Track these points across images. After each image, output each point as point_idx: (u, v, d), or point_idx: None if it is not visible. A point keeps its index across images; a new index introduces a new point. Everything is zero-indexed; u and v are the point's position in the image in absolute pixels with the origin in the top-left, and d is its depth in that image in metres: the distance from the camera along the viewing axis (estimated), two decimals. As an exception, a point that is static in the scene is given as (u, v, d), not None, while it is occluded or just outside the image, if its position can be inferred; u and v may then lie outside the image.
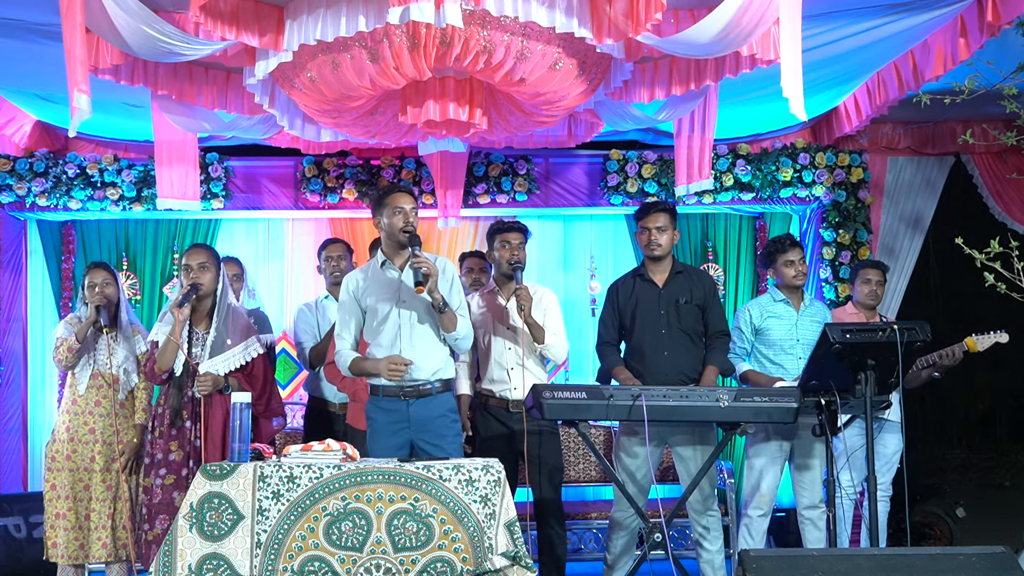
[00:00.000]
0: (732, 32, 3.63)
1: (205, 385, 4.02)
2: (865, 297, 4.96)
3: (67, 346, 4.36)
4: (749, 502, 4.57)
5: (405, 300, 3.89)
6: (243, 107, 4.62)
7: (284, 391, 6.26)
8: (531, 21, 3.63)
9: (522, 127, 4.63)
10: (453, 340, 3.93)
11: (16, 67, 4.73)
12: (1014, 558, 3.05)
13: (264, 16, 3.85)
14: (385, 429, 3.91)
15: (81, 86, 3.50)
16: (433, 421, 3.92)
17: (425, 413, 3.90)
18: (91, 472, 4.38)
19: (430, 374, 3.91)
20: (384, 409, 3.93)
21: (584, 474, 5.63)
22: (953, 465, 11.43)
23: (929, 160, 6.13)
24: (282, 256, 6.46)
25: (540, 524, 4.42)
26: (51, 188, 5.88)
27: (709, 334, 4.43)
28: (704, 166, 4.94)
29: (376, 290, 3.93)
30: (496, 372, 4.41)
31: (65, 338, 4.38)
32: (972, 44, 4.17)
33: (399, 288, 3.91)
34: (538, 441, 4.36)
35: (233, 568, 3.22)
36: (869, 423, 3.83)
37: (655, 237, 4.38)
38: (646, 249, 4.43)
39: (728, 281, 6.37)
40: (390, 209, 3.87)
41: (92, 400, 4.42)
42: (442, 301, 3.81)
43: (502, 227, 4.48)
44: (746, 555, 3.09)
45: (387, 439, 3.90)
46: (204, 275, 4.12)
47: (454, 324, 3.88)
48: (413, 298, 3.86)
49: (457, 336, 3.91)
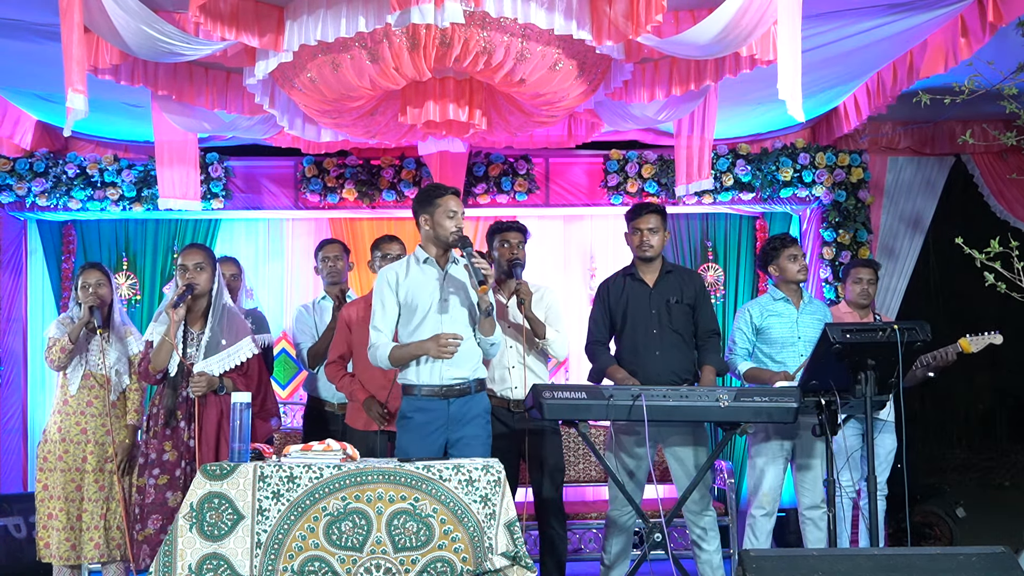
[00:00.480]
0: (732, 33, 3.63)
1: (199, 385, 4.02)
2: (858, 296, 4.96)
3: (60, 346, 4.36)
4: (752, 502, 4.57)
5: (446, 299, 3.88)
6: (243, 107, 4.62)
7: (284, 391, 6.27)
8: (530, 23, 3.63)
9: (522, 127, 4.63)
10: (488, 344, 3.94)
11: (16, 67, 4.73)
12: (1014, 558, 3.05)
13: (264, 16, 3.85)
14: (423, 429, 3.86)
15: (77, 86, 3.49)
16: (472, 420, 3.90)
17: (465, 412, 3.88)
18: (83, 472, 4.38)
19: (470, 372, 3.90)
20: (424, 409, 3.86)
21: (584, 474, 5.63)
22: (953, 465, 11.43)
23: (929, 160, 6.13)
24: (282, 256, 6.45)
25: (540, 524, 4.42)
26: (51, 188, 5.88)
27: (700, 334, 4.42)
28: (704, 166, 4.94)
29: (416, 287, 3.90)
30: (497, 371, 4.41)
31: (57, 338, 4.38)
32: (972, 44, 4.17)
33: (440, 286, 3.89)
34: (539, 441, 4.37)
35: (233, 568, 3.22)
36: (869, 423, 3.83)
37: (647, 238, 4.39)
38: (637, 250, 4.44)
39: (728, 281, 6.36)
40: (442, 210, 3.85)
41: (84, 400, 4.42)
42: (488, 305, 3.80)
43: (501, 227, 4.49)
44: (746, 555, 3.09)
45: (425, 439, 3.84)
46: (200, 275, 4.12)
47: (492, 329, 3.87)
48: (454, 296, 3.87)
49: (492, 341, 3.93)
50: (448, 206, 3.84)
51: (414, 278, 3.91)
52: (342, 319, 4.56)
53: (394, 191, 6.00)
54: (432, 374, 3.83)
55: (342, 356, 4.50)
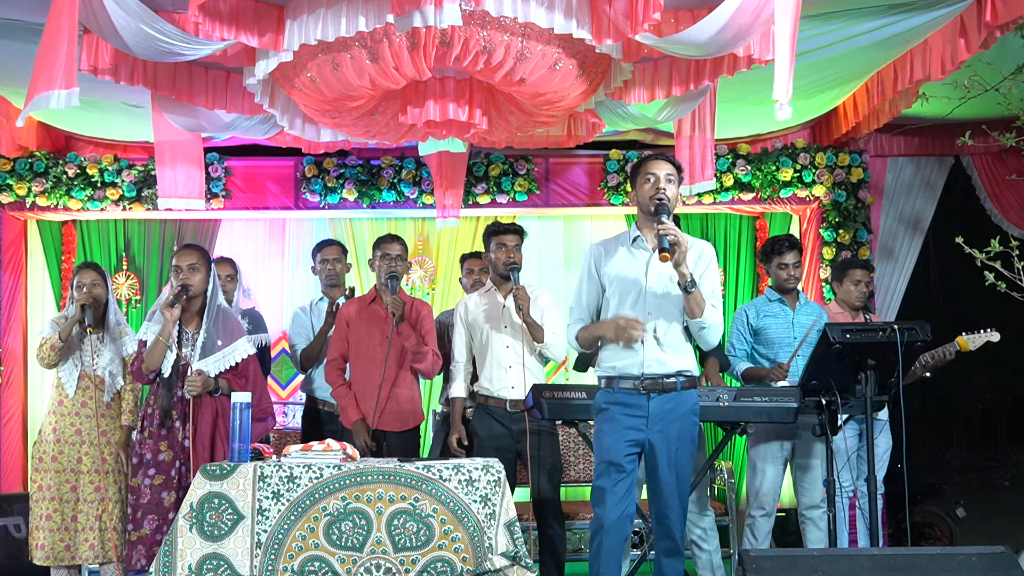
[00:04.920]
0: (731, 32, 3.63)
1: (195, 385, 4.01)
2: (855, 298, 4.94)
3: (49, 344, 4.37)
4: (752, 503, 4.57)
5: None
6: (243, 107, 4.61)
7: (284, 391, 6.27)
8: (530, 22, 3.63)
9: (522, 127, 4.63)
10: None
11: (16, 67, 4.73)
12: (1014, 558, 3.05)
13: (264, 16, 3.84)
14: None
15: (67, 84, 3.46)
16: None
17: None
18: (78, 473, 4.38)
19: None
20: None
21: (584, 474, 5.63)
22: (953, 465, 11.45)
23: (928, 161, 6.13)
24: (281, 256, 6.45)
25: (540, 524, 4.42)
26: (51, 188, 5.89)
27: None
28: (707, 166, 4.94)
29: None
30: (495, 371, 4.41)
31: (48, 337, 4.39)
32: (972, 45, 4.17)
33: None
34: (537, 441, 4.37)
35: (233, 568, 3.22)
36: (869, 423, 3.83)
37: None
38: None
39: (728, 281, 6.36)
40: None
41: (79, 401, 4.43)
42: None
43: (498, 229, 4.49)
44: (746, 555, 3.09)
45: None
46: (194, 276, 4.12)
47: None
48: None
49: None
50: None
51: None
52: (341, 317, 4.56)
53: (394, 191, 6.00)
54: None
55: (342, 355, 4.51)
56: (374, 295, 4.51)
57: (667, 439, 3.35)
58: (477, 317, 4.48)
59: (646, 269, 3.41)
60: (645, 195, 3.42)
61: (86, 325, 4.37)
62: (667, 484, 3.33)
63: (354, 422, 4.36)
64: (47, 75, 3.45)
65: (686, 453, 3.39)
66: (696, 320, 3.34)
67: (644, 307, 3.39)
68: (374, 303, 4.50)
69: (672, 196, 3.40)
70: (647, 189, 3.42)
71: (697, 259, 3.42)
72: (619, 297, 3.44)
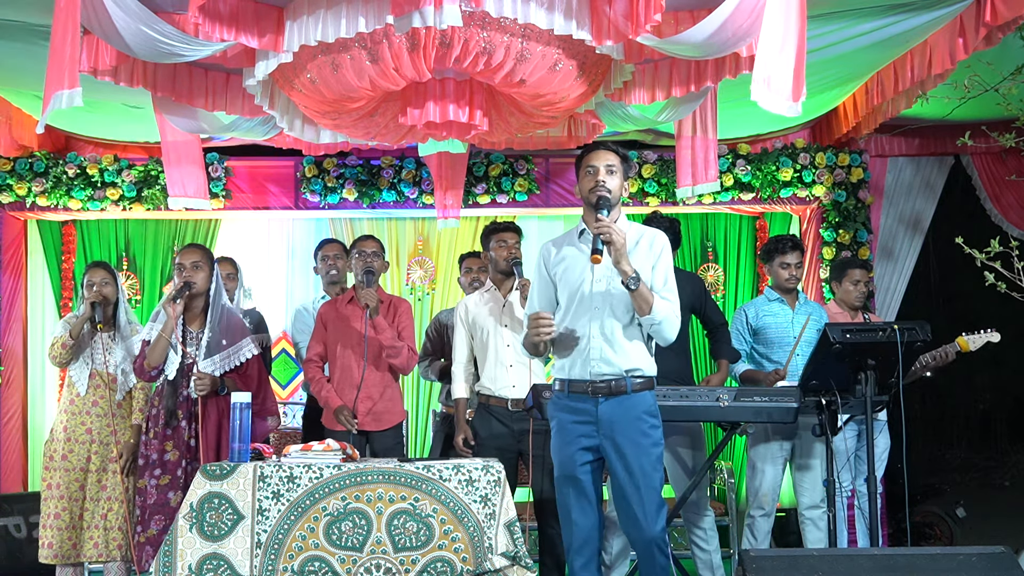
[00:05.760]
0: (730, 32, 3.63)
1: (203, 384, 4.02)
2: (854, 298, 4.93)
3: (60, 342, 4.38)
4: (752, 503, 4.57)
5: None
6: (243, 108, 4.62)
7: (284, 391, 6.27)
8: (530, 23, 3.63)
9: (522, 128, 4.63)
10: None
11: (16, 67, 4.73)
12: (1014, 558, 3.05)
13: (264, 17, 3.84)
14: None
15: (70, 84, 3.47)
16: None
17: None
18: (87, 472, 4.38)
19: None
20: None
21: (584, 474, 5.62)
22: (953, 465, 11.45)
23: (928, 161, 6.14)
24: (282, 256, 6.46)
25: (540, 524, 4.42)
26: (51, 188, 5.89)
27: (710, 329, 4.55)
28: (710, 167, 4.94)
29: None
30: (496, 370, 4.41)
31: (60, 335, 4.40)
32: (971, 44, 4.17)
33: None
34: (538, 440, 4.36)
35: (233, 568, 3.22)
36: (869, 423, 3.83)
37: None
38: None
39: (728, 281, 6.37)
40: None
41: (90, 400, 4.43)
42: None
43: (498, 227, 4.50)
44: (746, 555, 3.09)
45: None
46: (197, 274, 4.12)
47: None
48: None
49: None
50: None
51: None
52: (319, 318, 4.55)
53: (394, 191, 6.00)
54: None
55: (319, 355, 4.50)
56: (351, 295, 4.50)
57: (617, 445, 3.18)
58: (478, 316, 4.48)
59: (590, 265, 3.25)
60: (585, 188, 3.27)
61: (96, 323, 4.38)
62: (629, 493, 3.17)
63: (336, 407, 4.35)
64: (56, 76, 3.46)
65: (646, 458, 3.19)
66: (647, 317, 3.17)
67: (590, 304, 3.25)
68: (351, 303, 4.49)
69: (615, 188, 3.23)
70: (587, 182, 3.25)
71: (648, 249, 3.28)
72: (568, 295, 3.30)
